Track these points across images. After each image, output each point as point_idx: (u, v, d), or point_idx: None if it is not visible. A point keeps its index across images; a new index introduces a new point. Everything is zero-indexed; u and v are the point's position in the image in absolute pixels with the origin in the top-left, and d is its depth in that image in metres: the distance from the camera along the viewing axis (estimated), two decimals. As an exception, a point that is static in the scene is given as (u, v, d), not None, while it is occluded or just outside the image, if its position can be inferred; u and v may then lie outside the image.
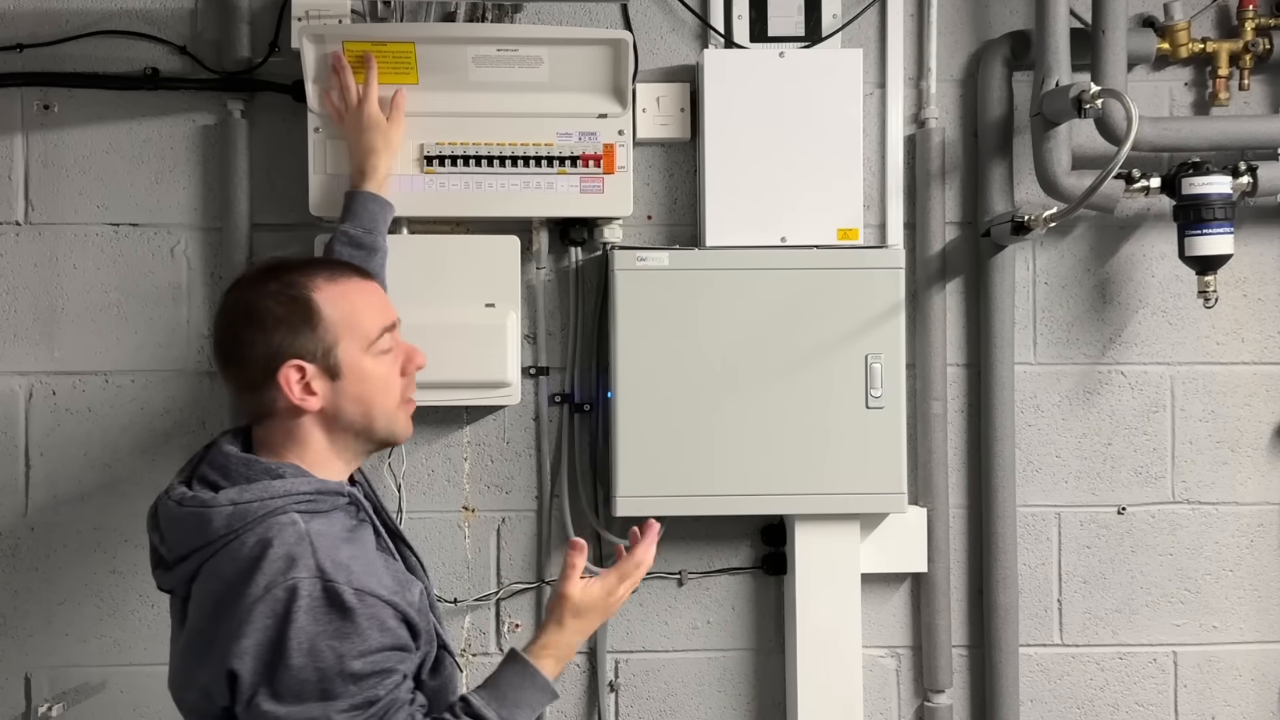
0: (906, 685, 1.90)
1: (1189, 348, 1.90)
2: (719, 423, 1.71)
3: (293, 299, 1.18)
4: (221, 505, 1.11)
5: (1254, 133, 1.79)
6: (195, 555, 1.12)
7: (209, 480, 1.16)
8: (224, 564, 1.10)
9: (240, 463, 1.16)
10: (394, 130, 1.63)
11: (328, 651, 1.07)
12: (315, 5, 1.68)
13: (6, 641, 1.81)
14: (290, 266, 1.23)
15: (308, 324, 1.18)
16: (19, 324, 1.80)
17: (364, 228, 1.53)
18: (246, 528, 1.10)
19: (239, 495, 1.12)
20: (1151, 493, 1.91)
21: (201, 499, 1.13)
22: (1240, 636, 1.92)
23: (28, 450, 1.81)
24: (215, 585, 1.11)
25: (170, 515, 1.15)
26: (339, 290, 1.21)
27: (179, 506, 1.14)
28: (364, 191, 1.57)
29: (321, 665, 1.06)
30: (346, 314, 1.20)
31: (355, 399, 1.21)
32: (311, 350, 1.17)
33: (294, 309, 1.17)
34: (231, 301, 1.21)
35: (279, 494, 1.13)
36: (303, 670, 1.06)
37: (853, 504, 1.74)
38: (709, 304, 1.71)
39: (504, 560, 1.85)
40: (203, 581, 1.12)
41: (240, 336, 1.18)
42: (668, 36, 1.85)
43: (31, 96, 1.80)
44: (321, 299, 1.19)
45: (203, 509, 1.12)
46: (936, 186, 1.84)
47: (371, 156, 1.59)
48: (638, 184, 1.82)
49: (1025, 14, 1.86)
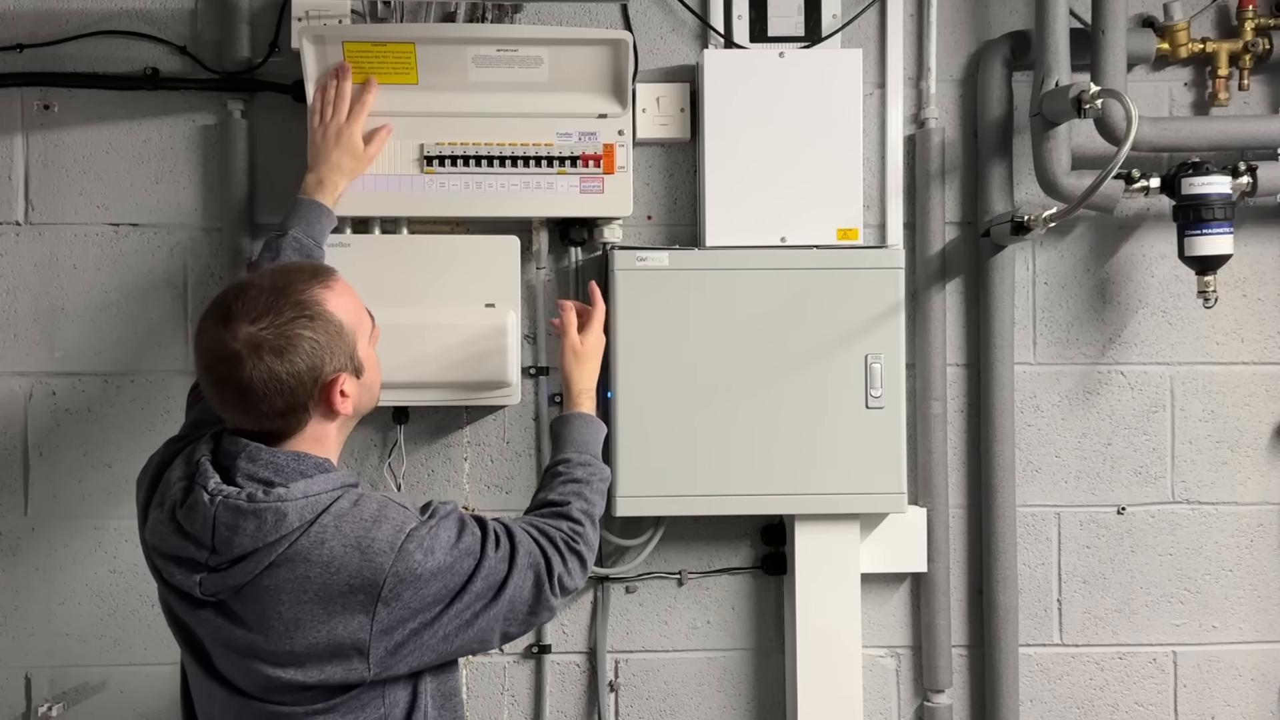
0: (906, 685, 1.90)
1: (1189, 348, 1.90)
2: (719, 423, 1.71)
3: (315, 318, 1.17)
4: (296, 499, 1.14)
5: (1254, 133, 1.79)
6: (264, 550, 1.12)
7: (260, 478, 1.15)
8: (312, 549, 1.13)
9: (290, 458, 1.17)
10: (364, 163, 1.65)
11: (462, 542, 1.20)
12: (315, 5, 1.68)
13: (6, 641, 1.81)
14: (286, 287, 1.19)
15: (338, 336, 1.19)
16: (19, 324, 1.80)
17: (313, 238, 1.54)
18: (317, 517, 1.15)
19: (309, 488, 1.15)
20: (1151, 493, 1.91)
21: (278, 494, 1.13)
22: (1240, 636, 1.92)
23: (28, 450, 1.81)
24: (311, 571, 1.13)
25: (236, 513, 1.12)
26: (337, 294, 1.21)
27: (250, 503, 1.12)
28: (319, 202, 1.57)
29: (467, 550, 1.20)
30: (352, 314, 1.22)
31: (368, 387, 1.26)
32: (344, 360, 1.20)
33: (322, 327, 1.17)
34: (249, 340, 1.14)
35: (336, 485, 1.18)
36: (460, 560, 1.19)
37: (853, 504, 1.74)
38: (709, 304, 1.71)
39: (504, 560, 1.85)
40: (282, 571, 1.13)
41: (275, 371, 1.14)
42: (668, 36, 1.85)
43: (31, 96, 1.80)
44: (334, 308, 1.19)
45: (281, 503, 1.13)
46: (936, 186, 1.84)
47: (336, 174, 1.60)
48: (638, 184, 1.83)
49: (1025, 14, 1.86)
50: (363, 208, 1.70)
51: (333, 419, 1.21)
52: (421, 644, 1.17)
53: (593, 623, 1.86)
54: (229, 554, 1.13)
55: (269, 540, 1.12)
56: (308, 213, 1.56)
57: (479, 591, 1.19)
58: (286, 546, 1.13)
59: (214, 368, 1.15)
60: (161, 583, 1.21)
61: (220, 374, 1.15)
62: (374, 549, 1.14)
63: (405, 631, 1.16)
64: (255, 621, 1.14)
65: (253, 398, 1.14)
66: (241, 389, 1.14)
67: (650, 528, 1.82)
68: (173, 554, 1.17)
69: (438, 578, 1.16)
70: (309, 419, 1.19)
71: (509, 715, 1.86)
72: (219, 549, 1.13)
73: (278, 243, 1.51)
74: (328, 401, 1.19)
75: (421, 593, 1.16)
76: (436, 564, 1.16)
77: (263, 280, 1.19)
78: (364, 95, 1.64)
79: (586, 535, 1.33)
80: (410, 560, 1.15)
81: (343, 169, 1.61)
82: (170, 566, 1.17)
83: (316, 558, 1.13)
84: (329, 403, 1.19)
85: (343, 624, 1.14)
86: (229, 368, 1.14)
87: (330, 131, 1.62)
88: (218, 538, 1.13)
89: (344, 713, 1.17)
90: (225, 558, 1.13)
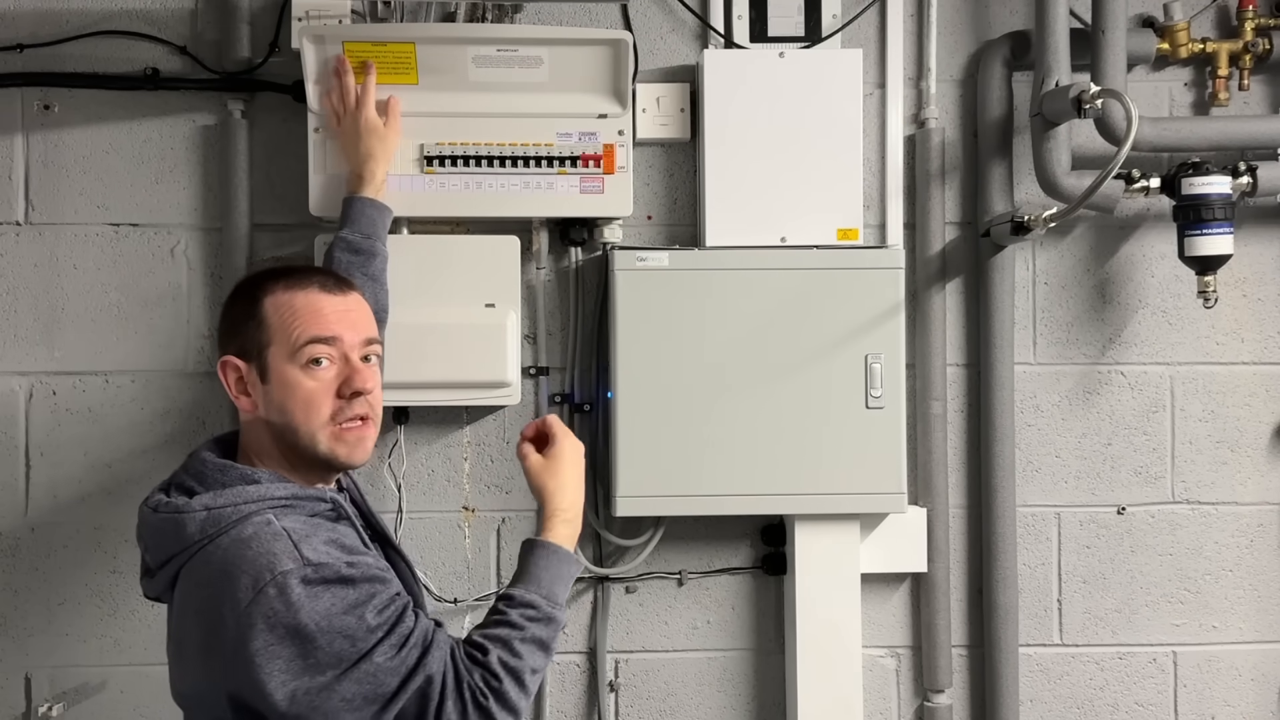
0: (906, 685, 1.90)
1: (1189, 348, 1.90)
2: (719, 422, 1.71)
3: (246, 298, 1.21)
4: (195, 510, 1.11)
5: (1254, 133, 1.79)
6: (173, 561, 1.13)
7: (185, 487, 1.17)
8: (199, 568, 1.10)
9: (216, 468, 1.16)
10: (391, 135, 1.64)
11: (350, 620, 1.06)
12: (315, 5, 1.68)
13: (6, 641, 1.81)
14: (263, 272, 1.26)
15: (250, 322, 1.20)
16: (19, 324, 1.80)
17: (363, 233, 1.54)
18: (221, 532, 1.10)
19: (213, 500, 1.12)
20: (1151, 493, 1.91)
21: (176, 505, 1.13)
22: (1240, 636, 1.92)
23: (28, 450, 1.81)
24: (195, 590, 1.10)
25: (148, 522, 1.17)
26: (289, 296, 1.20)
27: (154, 513, 1.15)
28: (362, 197, 1.58)
29: (350, 634, 1.05)
30: (283, 318, 1.19)
31: (278, 408, 1.18)
32: (248, 349, 1.19)
33: (242, 308, 1.21)
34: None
35: (253, 498, 1.12)
36: (333, 645, 1.05)
37: (852, 504, 1.74)
38: (709, 304, 1.71)
39: (504, 560, 1.85)
40: (182, 586, 1.13)
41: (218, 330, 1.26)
42: (668, 36, 1.85)
43: (31, 96, 1.80)
44: (269, 302, 1.20)
45: (177, 514, 1.12)
46: (936, 186, 1.84)
47: (369, 162, 1.60)
48: (638, 184, 1.82)
49: (1025, 14, 1.86)
50: (363, 208, 1.70)
51: (245, 414, 1.21)
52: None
53: (593, 623, 1.86)
54: (154, 559, 1.17)
55: (174, 551, 1.12)
56: (352, 210, 1.57)
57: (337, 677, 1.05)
58: (188, 560, 1.11)
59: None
60: None
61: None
62: (235, 581, 1.05)
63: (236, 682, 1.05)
64: (170, 635, 1.17)
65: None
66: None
67: (650, 528, 1.82)
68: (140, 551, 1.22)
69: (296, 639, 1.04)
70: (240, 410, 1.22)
71: (509, 715, 1.86)
72: (151, 553, 1.18)
73: (330, 248, 1.55)
74: (224, 379, 1.21)
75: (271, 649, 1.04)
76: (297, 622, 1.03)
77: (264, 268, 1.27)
78: (366, 79, 1.64)
79: (504, 692, 1.11)
80: (267, 605, 1.04)
81: (374, 154, 1.61)
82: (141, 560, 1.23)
83: (200, 577, 1.10)
84: (224, 381, 1.21)
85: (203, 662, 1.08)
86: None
87: (347, 125, 1.63)
88: (147, 542, 1.18)
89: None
90: (154, 562, 1.17)
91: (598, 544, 1.84)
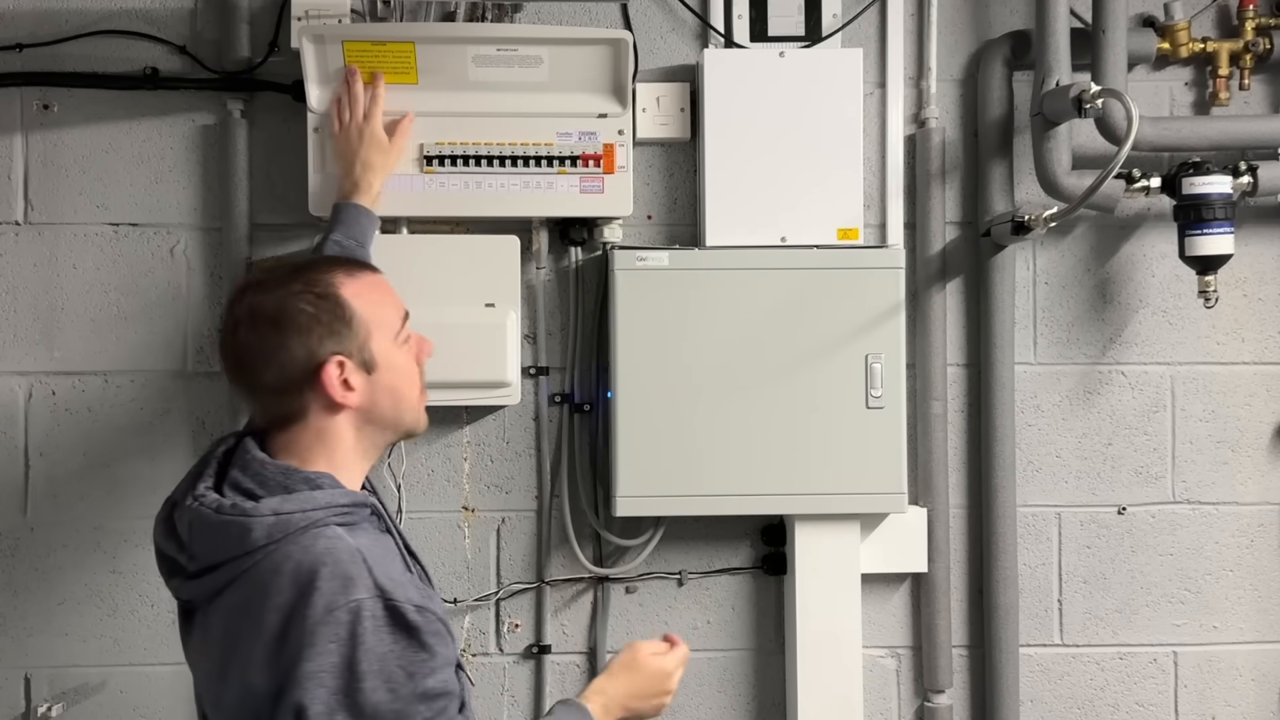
0: (906, 685, 1.90)
1: (1189, 348, 1.90)
2: (719, 423, 1.71)
3: (322, 297, 1.15)
4: (264, 515, 1.08)
5: (1254, 133, 1.79)
6: (229, 565, 1.08)
7: (244, 488, 1.12)
8: (266, 576, 1.06)
9: (278, 471, 1.13)
10: (394, 152, 1.64)
11: (399, 673, 1.04)
12: (315, 5, 1.68)
13: (6, 641, 1.81)
14: (306, 266, 1.20)
15: (342, 320, 1.16)
16: (19, 324, 1.80)
17: (355, 239, 1.54)
18: (287, 538, 1.07)
19: (281, 505, 1.09)
20: (1151, 493, 1.91)
21: (243, 508, 1.09)
22: (1240, 636, 1.92)
23: (28, 450, 1.81)
24: (255, 598, 1.06)
25: (204, 522, 1.10)
26: (361, 285, 1.19)
27: (216, 514, 1.09)
28: (357, 204, 1.58)
29: (395, 686, 1.04)
30: (373, 306, 1.19)
31: (388, 390, 1.20)
32: (348, 346, 1.16)
33: (326, 307, 1.15)
34: (250, 306, 1.15)
35: (320, 505, 1.10)
36: (376, 692, 1.03)
37: (853, 504, 1.74)
38: (709, 304, 1.71)
39: (504, 560, 1.85)
40: (238, 592, 1.08)
41: (268, 340, 1.13)
42: (668, 36, 1.85)
43: (31, 96, 1.79)
44: (349, 294, 1.17)
45: (244, 518, 1.08)
46: (936, 186, 1.84)
47: (369, 173, 1.60)
48: (638, 184, 1.82)
49: (1025, 14, 1.86)
50: (362, 207, 1.70)
51: (335, 412, 1.16)
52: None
53: (593, 623, 1.86)
54: (201, 562, 1.11)
55: (232, 555, 1.08)
56: (346, 215, 1.56)
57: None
58: (250, 565, 1.07)
59: (221, 339, 1.16)
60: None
61: (223, 343, 1.17)
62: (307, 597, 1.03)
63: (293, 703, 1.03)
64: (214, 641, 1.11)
65: (244, 369, 1.14)
66: (235, 358, 1.15)
67: (650, 528, 1.82)
68: (163, 550, 1.17)
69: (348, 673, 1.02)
70: (309, 408, 1.15)
71: (509, 715, 1.86)
72: (195, 555, 1.11)
73: (322, 246, 1.53)
74: (325, 387, 1.14)
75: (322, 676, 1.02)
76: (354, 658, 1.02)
77: (295, 259, 1.20)
78: (375, 89, 1.64)
79: None
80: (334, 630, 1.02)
81: (373, 165, 1.61)
82: (161, 563, 1.18)
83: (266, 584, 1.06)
84: (327, 389, 1.14)
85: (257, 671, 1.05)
86: (227, 336, 1.15)
87: (352, 132, 1.62)
88: (192, 542, 1.11)
89: None
90: (199, 565, 1.11)
91: (598, 544, 1.84)
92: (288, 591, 1.04)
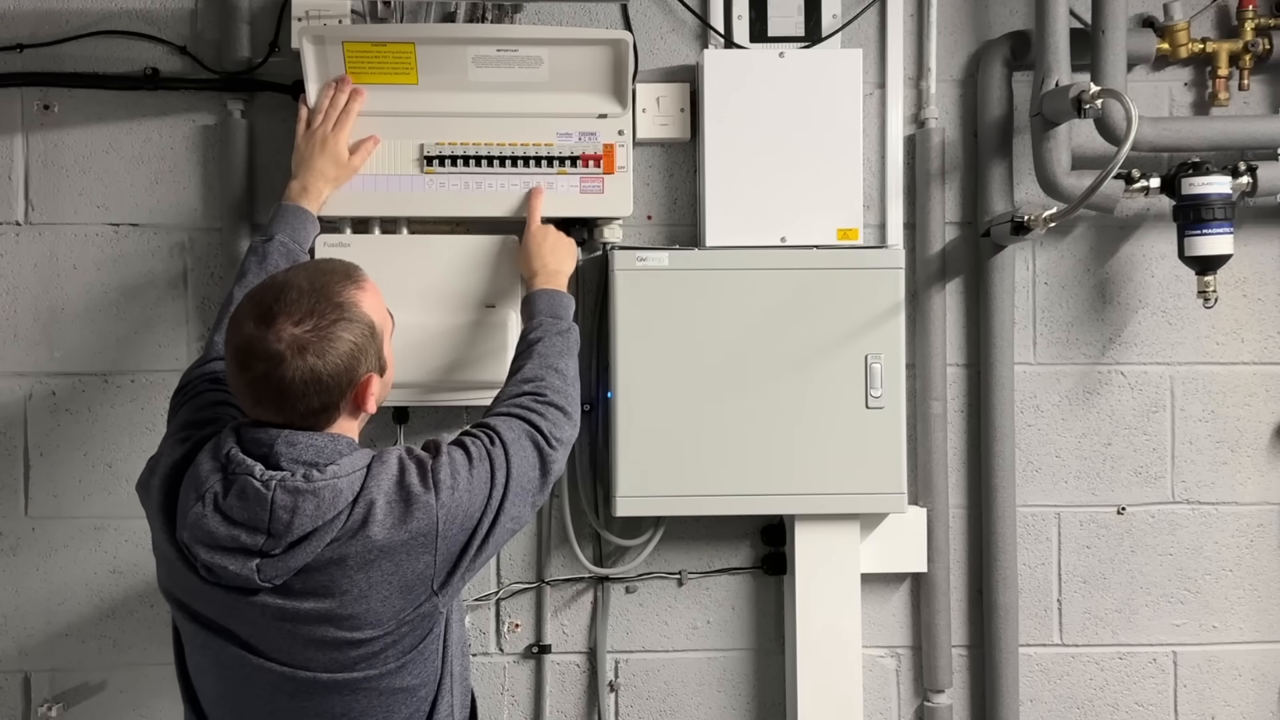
0: (906, 685, 1.90)
1: (1189, 348, 1.90)
2: (719, 423, 1.71)
3: (354, 321, 1.20)
4: (346, 474, 1.18)
5: (1254, 133, 1.79)
6: (324, 528, 1.16)
7: (306, 460, 1.18)
8: (369, 516, 1.17)
9: (327, 440, 1.20)
10: (349, 171, 1.66)
11: (475, 449, 1.28)
12: (315, 5, 1.68)
13: (6, 641, 1.81)
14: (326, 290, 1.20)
15: (371, 338, 1.22)
16: (19, 324, 1.80)
17: (299, 243, 1.55)
18: (364, 487, 1.19)
19: (353, 463, 1.20)
20: (1151, 493, 1.91)
21: (332, 471, 1.18)
22: (1240, 636, 1.92)
23: (28, 450, 1.81)
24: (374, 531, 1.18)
25: (293, 494, 1.15)
26: (367, 293, 1.24)
27: (308, 482, 1.16)
28: (304, 209, 1.59)
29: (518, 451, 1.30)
30: (381, 313, 1.27)
31: (387, 384, 1.30)
32: (375, 360, 1.24)
33: (361, 331, 1.21)
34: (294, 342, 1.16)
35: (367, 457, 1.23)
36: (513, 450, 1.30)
37: (853, 504, 1.74)
38: (709, 304, 1.71)
39: (504, 560, 1.85)
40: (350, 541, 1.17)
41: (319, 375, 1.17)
42: (668, 36, 1.85)
43: (31, 96, 1.80)
44: (368, 309, 1.23)
45: (334, 480, 1.17)
46: (936, 186, 1.84)
47: (320, 181, 1.62)
48: (638, 184, 1.83)
49: (1025, 14, 1.86)
50: (362, 208, 1.70)
51: (357, 416, 1.25)
52: (476, 556, 1.25)
53: (593, 623, 1.87)
54: (288, 536, 1.15)
55: (328, 518, 1.16)
56: (293, 218, 1.57)
57: (503, 488, 1.27)
58: (346, 520, 1.17)
59: (252, 366, 1.16)
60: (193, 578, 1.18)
61: (259, 373, 1.16)
62: (415, 496, 1.20)
63: (460, 550, 1.23)
64: (325, 591, 1.17)
65: (291, 397, 1.17)
66: (282, 388, 1.16)
67: (650, 528, 1.82)
68: (222, 544, 1.15)
69: (472, 496, 1.24)
70: (338, 416, 1.22)
71: (509, 715, 1.86)
72: (275, 532, 1.14)
73: (264, 247, 1.51)
74: (358, 400, 1.23)
75: (468, 512, 1.23)
76: (465, 483, 1.23)
77: (299, 280, 1.20)
78: (350, 104, 1.65)
79: (555, 387, 1.40)
80: (444, 490, 1.21)
81: (326, 176, 1.63)
82: (218, 557, 1.15)
83: (373, 520, 1.18)
84: (359, 402, 1.23)
85: (410, 567, 1.20)
86: (269, 367, 1.15)
87: (316, 139, 1.63)
88: (276, 521, 1.14)
89: (411, 671, 1.24)
90: (284, 541, 1.15)
91: (598, 544, 1.84)
92: (397, 509, 1.19)
